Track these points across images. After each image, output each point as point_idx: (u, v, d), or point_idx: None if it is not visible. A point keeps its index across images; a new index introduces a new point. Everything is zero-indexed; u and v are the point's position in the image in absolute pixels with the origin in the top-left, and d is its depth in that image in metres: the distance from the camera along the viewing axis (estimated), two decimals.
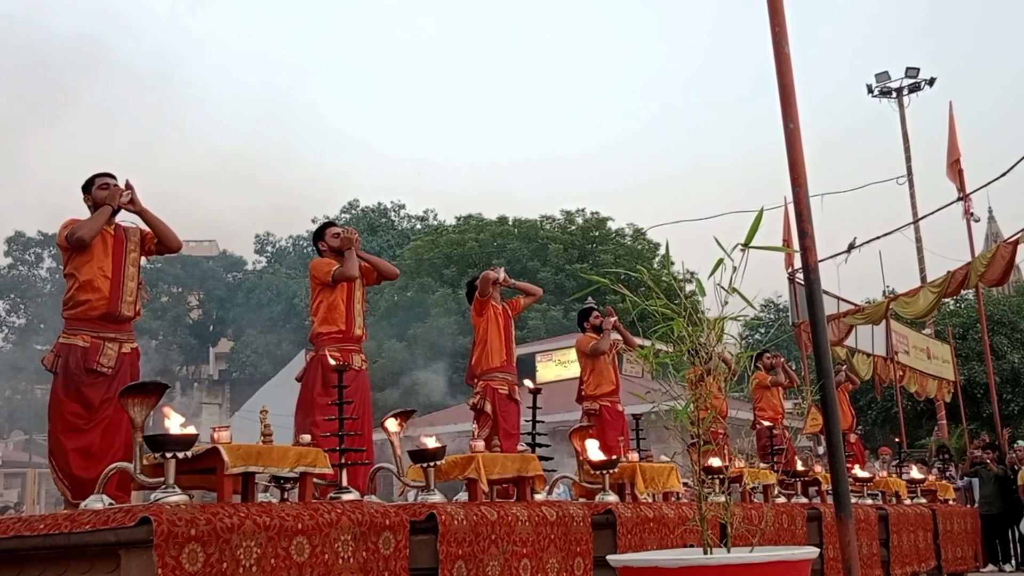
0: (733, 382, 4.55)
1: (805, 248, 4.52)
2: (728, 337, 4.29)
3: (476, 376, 8.22)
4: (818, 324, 4.52)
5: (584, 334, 9.69)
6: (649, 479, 7.01)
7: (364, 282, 7.17)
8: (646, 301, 4.12)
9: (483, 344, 8.24)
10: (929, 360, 21.48)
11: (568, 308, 36.31)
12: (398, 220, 57.05)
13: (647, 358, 4.02)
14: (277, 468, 4.54)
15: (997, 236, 43.34)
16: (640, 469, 6.94)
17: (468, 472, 5.51)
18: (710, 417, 3.97)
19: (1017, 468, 14.80)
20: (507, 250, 41.00)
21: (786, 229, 18.38)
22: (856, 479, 10.43)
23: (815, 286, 4.59)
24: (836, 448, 4.46)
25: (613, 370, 9.54)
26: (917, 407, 27.58)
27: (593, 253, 42.58)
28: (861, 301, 26.86)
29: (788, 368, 12.76)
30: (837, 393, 13.43)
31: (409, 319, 40.40)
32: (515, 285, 8.76)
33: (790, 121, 4.57)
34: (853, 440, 13.55)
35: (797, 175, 4.51)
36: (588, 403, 9.36)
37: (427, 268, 42.13)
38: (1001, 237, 32.54)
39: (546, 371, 30.69)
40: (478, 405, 8.00)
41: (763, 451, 10.78)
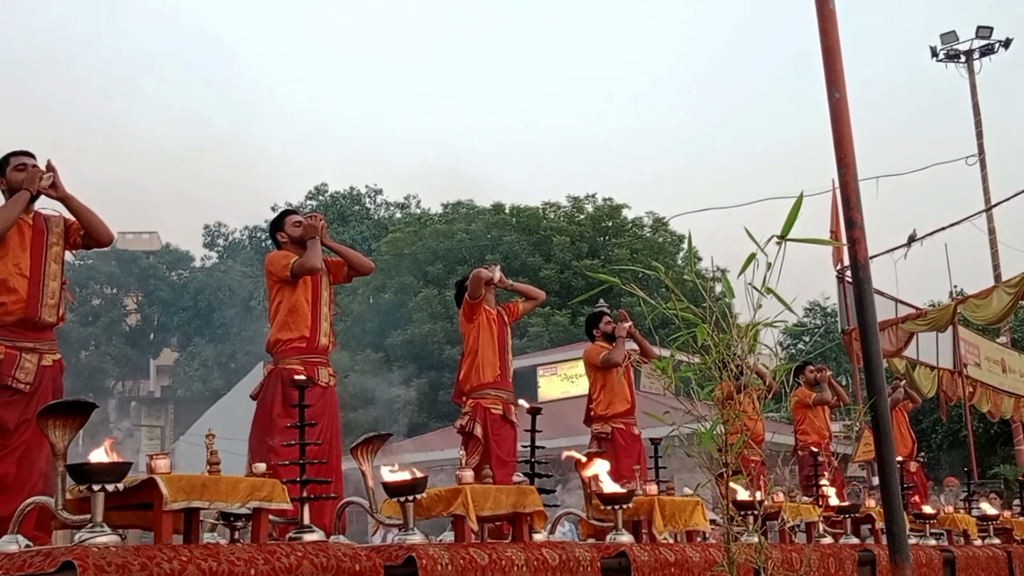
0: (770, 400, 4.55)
1: (854, 241, 4.53)
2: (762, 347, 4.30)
3: (465, 393, 8.22)
4: (869, 331, 4.53)
5: (594, 343, 9.69)
6: (670, 516, 7.00)
7: (332, 279, 7.17)
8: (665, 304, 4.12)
9: (474, 355, 8.24)
10: (1004, 374, 21.51)
11: (576, 312, 36.33)
12: (374, 208, 57.09)
13: (665, 371, 4.02)
14: (226, 503, 4.53)
15: None
16: (659, 504, 6.94)
17: (454, 507, 5.50)
18: (741, 441, 3.97)
19: None
20: (503, 243, 41.03)
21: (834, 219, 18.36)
22: (917, 515, 10.42)
23: (865, 285, 4.59)
24: (890, 478, 4.46)
25: (628, 386, 9.55)
26: (990, 430, 27.63)
27: (605, 247, 42.62)
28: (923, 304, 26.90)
29: (836, 383, 12.78)
30: (894, 414, 13.62)
31: (387, 325, 40.41)
32: (513, 286, 8.76)
33: (836, 90, 4.58)
34: (913, 469, 13.57)
35: (844, 154, 4.52)
36: (598, 425, 9.37)
37: (408, 264, 42.15)
38: None
39: (549, 387, 30.72)
40: (467, 428, 8.00)
41: (806, 482, 10.78)
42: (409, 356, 38.81)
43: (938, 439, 29.46)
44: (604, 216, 43.86)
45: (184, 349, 59.14)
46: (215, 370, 53.38)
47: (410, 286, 41.15)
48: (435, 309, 38.79)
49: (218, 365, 53.30)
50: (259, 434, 6.52)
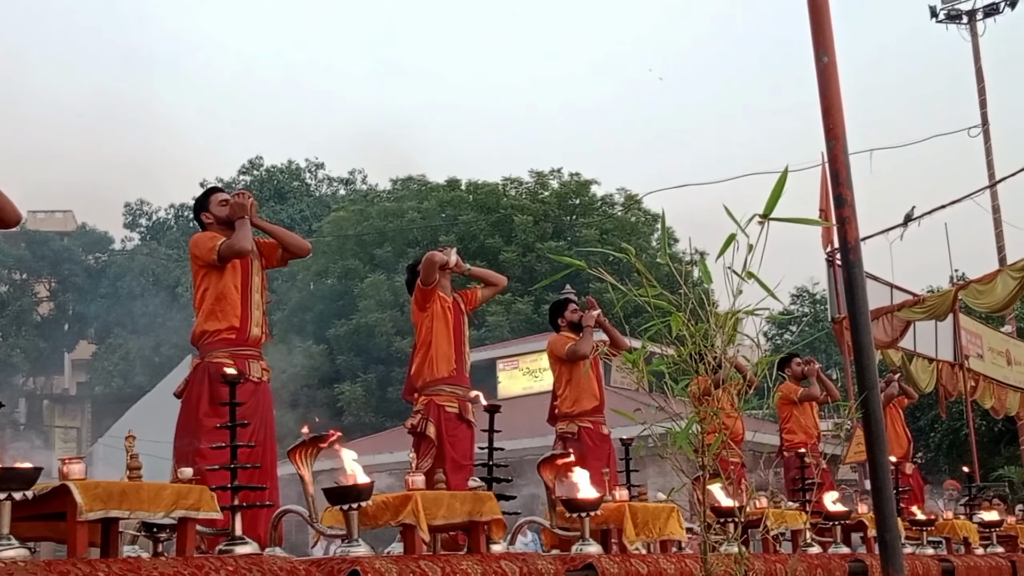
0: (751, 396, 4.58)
1: (843, 220, 4.56)
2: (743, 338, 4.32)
3: (417, 390, 8.21)
4: (860, 319, 4.56)
5: (559, 334, 9.70)
6: (642, 524, 7.05)
7: (265, 263, 7.14)
8: (637, 290, 4.14)
9: (426, 348, 8.23)
10: (1009, 367, 21.74)
11: (539, 300, 36.40)
12: (315, 183, 56.87)
13: (636, 365, 4.04)
14: (148, 512, 4.52)
15: None
16: (630, 511, 6.97)
17: (404, 516, 5.51)
18: (719, 441, 4.00)
19: None
20: (459, 223, 41.02)
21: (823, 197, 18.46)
22: (912, 522, 10.54)
23: (856, 269, 4.63)
24: (883, 482, 4.51)
25: (596, 381, 9.57)
26: (994, 428, 27.91)
27: (572, 227, 42.68)
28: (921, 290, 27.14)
29: (825, 377, 12.87)
30: (888, 410, 13.75)
31: (330, 314, 40.32)
32: (470, 271, 8.75)
33: (824, 53, 4.61)
34: (909, 471, 13.68)
35: (833, 124, 4.55)
36: (564, 424, 9.39)
37: (354, 247, 42.06)
38: None
39: (511, 383, 30.76)
40: (419, 428, 7.99)
41: (792, 486, 10.87)
42: (354, 348, 38.75)
43: (937, 438, 29.73)
44: (571, 193, 43.91)
45: (103, 341, 58.68)
46: (137, 365, 53.00)
47: (355, 271, 41.07)
48: (383, 296, 38.73)
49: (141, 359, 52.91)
50: (185, 436, 6.49)
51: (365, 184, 55.57)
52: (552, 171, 44.71)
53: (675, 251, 40.29)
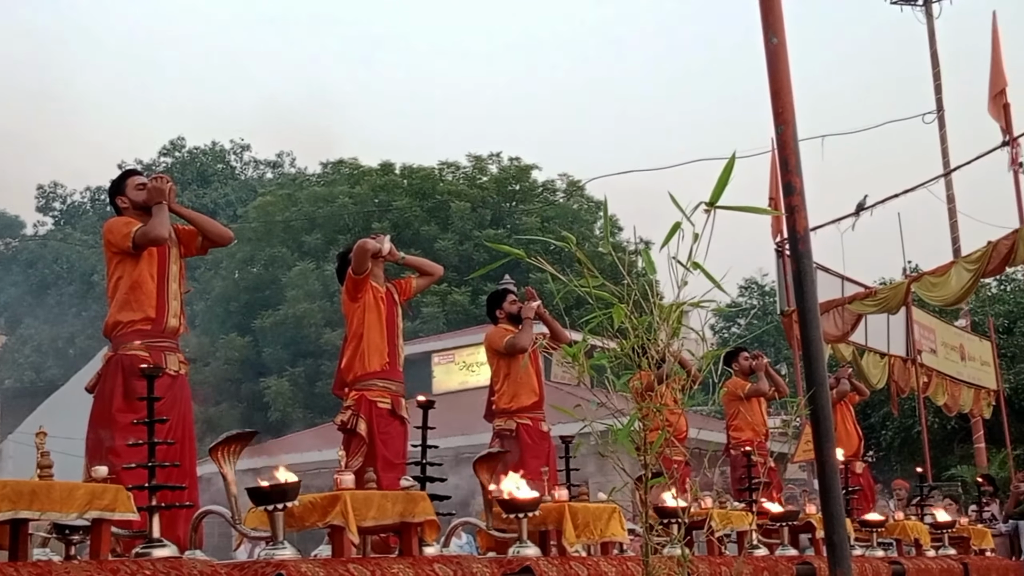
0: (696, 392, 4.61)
1: (792, 209, 4.60)
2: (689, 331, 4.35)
3: (347, 384, 8.19)
4: (809, 312, 4.61)
5: (497, 326, 9.72)
6: (582, 525, 7.07)
7: (183, 251, 7.10)
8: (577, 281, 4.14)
9: (358, 340, 8.21)
10: (963, 362, 22.01)
11: (477, 290, 36.41)
12: (241, 166, 56.55)
13: (576, 359, 4.05)
14: (60, 513, 4.48)
15: None
16: (570, 511, 7.00)
17: (332, 517, 5.50)
18: (662, 439, 4.02)
19: None
20: (393, 209, 40.91)
21: (773, 184, 18.64)
22: (862, 523, 10.66)
23: (805, 260, 4.67)
24: (831, 481, 4.56)
25: (536, 376, 9.59)
26: (947, 426, 28.30)
27: (512, 214, 42.73)
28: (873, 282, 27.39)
29: (774, 372, 12.97)
30: (838, 407, 13.91)
31: (255, 305, 40.10)
32: (404, 260, 8.73)
33: (774, 35, 4.64)
34: (860, 470, 13.85)
35: (782, 109, 4.58)
36: (501, 420, 9.41)
37: (281, 233, 41.84)
38: None
39: (447, 377, 30.75)
40: (349, 424, 7.97)
41: (738, 485, 10.95)
42: (282, 341, 38.54)
43: (888, 436, 30.07)
44: (510, 178, 43.94)
45: (13, 332, 57.95)
46: (50, 357, 52.42)
47: (283, 259, 40.85)
48: (312, 286, 38.55)
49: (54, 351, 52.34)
50: (98, 432, 6.43)
51: (294, 167, 55.34)
52: (491, 155, 44.77)
53: (619, 240, 40.44)
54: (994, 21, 19.20)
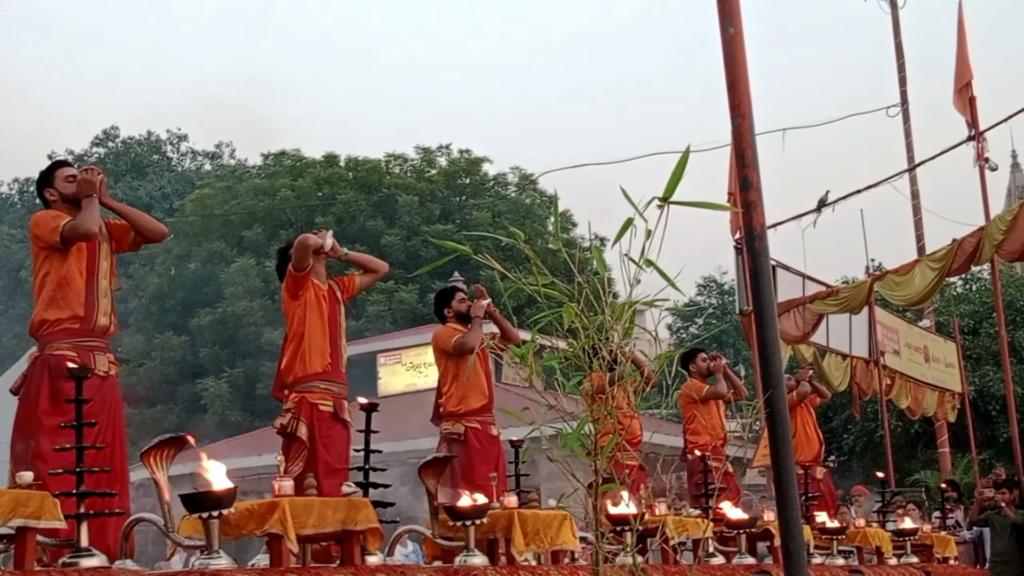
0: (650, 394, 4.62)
1: (749, 205, 4.62)
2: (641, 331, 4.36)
3: (288, 386, 8.16)
4: (765, 311, 4.63)
5: (445, 325, 9.72)
6: (532, 532, 7.09)
7: (115, 247, 7.05)
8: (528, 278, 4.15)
9: (299, 340, 8.19)
10: (927, 364, 22.19)
11: (425, 288, 36.38)
12: (178, 157, 56.15)
13: (524, 359, 4.05)
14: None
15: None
16: (519, 519, 7.01)
17: (270, 525, 5.48)
18: (613, 443, 4.03)
19: None
20: (337, 203, 40.78)
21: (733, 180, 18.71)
22: (822, 530, 10.74)
23: (761, 258, 4.70)
24: (788, 486, 4.59)
25: (485, 377, 9.60)
26: (910, 430, 28.49)
27: (462, 209, 42.68)
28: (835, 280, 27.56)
29: (732, 373, 13.02)
30: (799, 410, 13.99)
31: (192, 303, 39.84)
32: (347, 256, 8.71)
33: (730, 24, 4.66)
34: (820, 475, 13.93)
35: (739, 101, 4.60)
36: (449, 424, 9.40)
37: (220, 228, 41.62)
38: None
39: (393, 379, 30.69)
40: (289, 428, 7.94)
41: (695, 491, 11.00)
42: (220, 340, 38.33)
43: (850, 440, 30.22)
44: (460, 172, 43.89)
45: None
46: None
47: (222, 254, 40.62)
48: (253, 283, 38.38)
49: None
50: (23, 436, 6.37)
51: (233, 159, 55.03)
52: (440, 147, 44.64)
53: (573, 236, 40.52)
54: (960, 12, 19.40)
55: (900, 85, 25.08)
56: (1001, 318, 19.42)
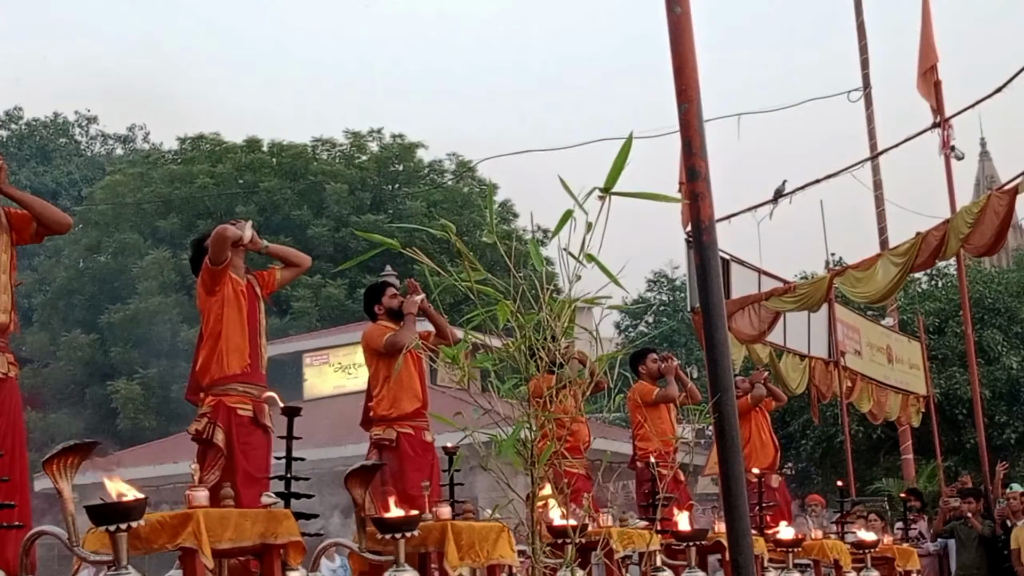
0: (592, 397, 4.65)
1: (697, 196, 4.65)
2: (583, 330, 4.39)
3: (203, 389, 8.14)
4: (713, 309, 4.67)
5: (376, 323, 9.70)
6: (467, 546, 7.10)
7: (15, 239, 6.99)
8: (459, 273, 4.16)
9: (215, 339, 8.16)
10: (890, 365, 22.40)
11: (354, 283, 36.30)
12: (87, 141, 55.69)
13: (456, 360, 4.07)
14: None
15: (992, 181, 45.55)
16: (453, 531, 7.02)
17: (183, 539, 5.47)
18: (550, 450, 4.05)
19: (1011, 525, 15.48)
20: (260, 191, 40.62)
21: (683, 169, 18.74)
22: (777, 542, 10.80)
23: (710, 252, 4.73)
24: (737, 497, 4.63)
25: (419, 379, 9.59)
26: (872, 435, 28.77)
27: (395, 198, 42.62)
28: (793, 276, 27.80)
29: (684, 375, 13.04)
30: (753, 414, 14.06)
31: (102, 298, 39.55)
32: (268, 249, 8.70)
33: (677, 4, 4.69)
34: (776, 484, 14.01)
35: (686, 86, 4.63)
36: (380, 429, 9.39)
37: (132, 217, 41.33)
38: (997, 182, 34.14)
39: (319, 380, 30.65)
40: (204, 434, 7.92)
41: (643, 501, 11.04)
42: (132, 339, 38.05)
43: (808, 446, 30.50)
44: (393, 158, 43.83)
45: None
46: None
47: (135, 246, 40.34)
48: (168, 277, 38.16)
49: None
50: None
51: (147, 143, 54.59)
52: (371, 132, 44.54)
53: (514, 228, 40.58)
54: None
55: (862, 68, 25.01)
56: (967, 316, 19.55)
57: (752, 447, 13.75)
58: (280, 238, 32.09)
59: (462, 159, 44.59)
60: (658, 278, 48.06)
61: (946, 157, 18.90)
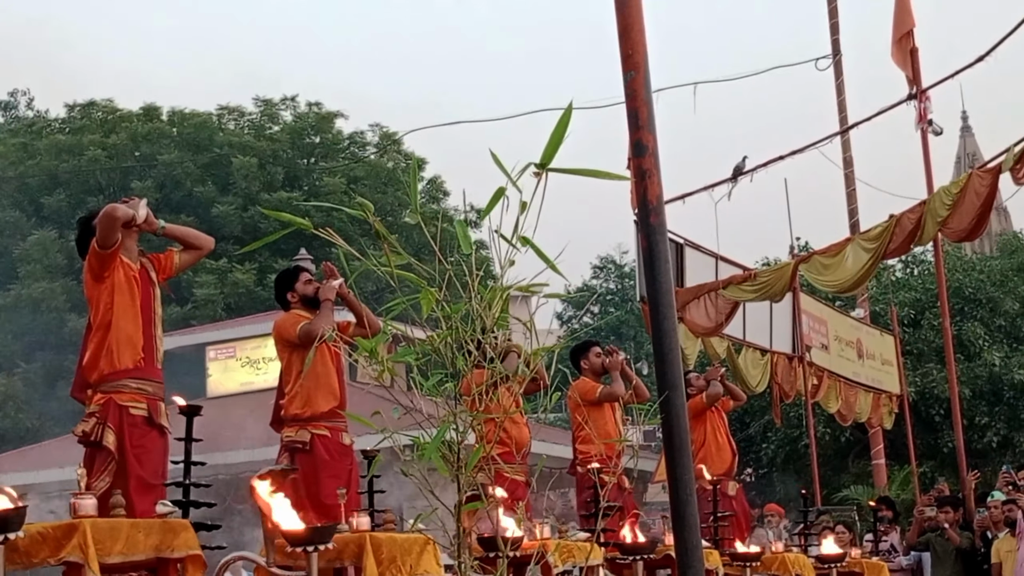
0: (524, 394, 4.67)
1: (644, 172, 4.67)
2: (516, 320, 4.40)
3: (91, 385, 8.10)
4: (661, 298, 4.69)
5: (289, 312, 9.68)
6: (388, 560, 7.11)
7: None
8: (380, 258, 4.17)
9: (104, 330, 8.12)
10: (861, 360, 22.54)
11: (265, 268, 36.18)
12: None
13: (373, 354, 4.08)
14: None
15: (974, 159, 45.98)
16: (373, 543, 7.03)
17: (67, 552, 5.45)
18: (478, 455, 4.07)
19: (991, 537, 15.62)
20: (158, 165, 40.40)
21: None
22: (734, 556, 10.88)
23: (657, 235, 4.75)
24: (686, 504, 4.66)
25: (337, 375, 9.58)
26: (840, 438, 28.96)
27: (311, 174, 42.50)
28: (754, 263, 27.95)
29: (632, 371, 13.05)
30: (709, 415, 14.12)
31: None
32: (165, 230, 8.65)
33: None
34: (733, 492, 14.06)
35: (632, 51, 4.65)
36: (292, 431, 9.36)
37: (15, 194, 41.01)
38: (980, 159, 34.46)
39: (225, 376, 30.52)
40: (93, 435, 7.89)
41: (583, 510, 11.07)
42: (13, 329, 37.80)
43: (770, 450, 30.62)
44: (308, 129, 43.70)
45: None
46: None
47: (16, 225, 40.05)
48: (54, 260, 37.92)
49: None
50: None
51: (31, 109, 54.04)
52: (284, 100, 44.39)
53: (444, 208, 40.56)
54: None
55: (831, 33, 24.75)
56: (945, 308, 19.72)
57: (707, 451, 13.80)
58: (181, 218, 32.00)
59: (386, 130, 44.55)
60: (605, 264, 48.16)
61: (923, 132, 19.03)
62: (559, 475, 11.76)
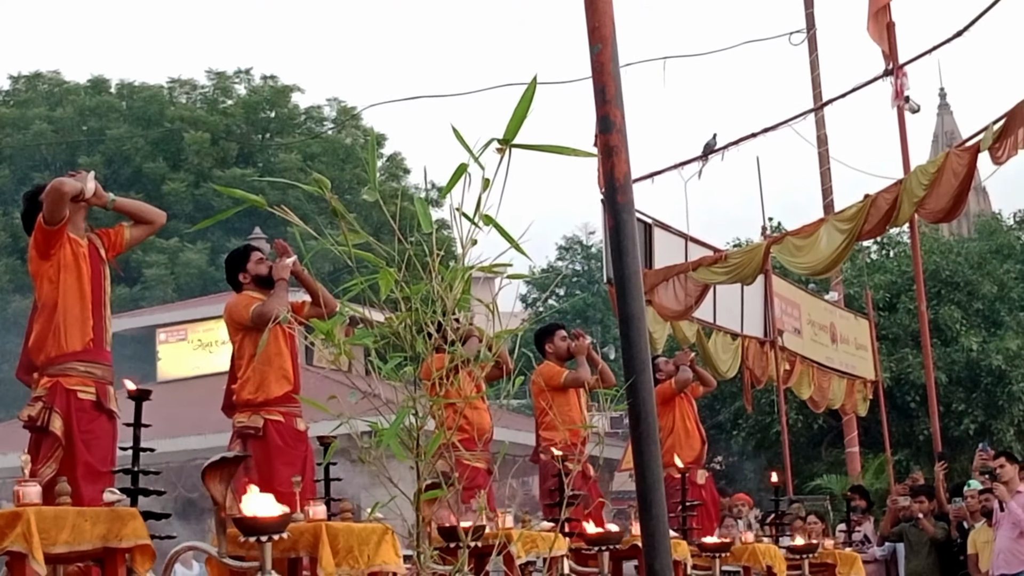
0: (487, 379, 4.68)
1: (611, 148, 4.67)
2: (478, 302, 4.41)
3: (37, 368, 8.08)
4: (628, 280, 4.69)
5: (241, 293, 9.66)
6: (345, 550, 7.11)
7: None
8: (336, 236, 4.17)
9: (50, 310, 8.09)
10: (834, 345, 22.62)
11: (217, 247, 36.08)
12: None
13: (329, 336, 4.08)
14: None
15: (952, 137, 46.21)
16: (329, 533, 7.03)
17: (10, 541, 5.44)
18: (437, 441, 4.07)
19: (967, 527, 15.68)
20: (108, 140, 40.22)
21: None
22: (702, 547, 10.91)
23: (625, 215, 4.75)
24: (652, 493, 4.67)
25: (291, 358, 9.57)
26: (813, 425, 29.09)
27: (266, 149, 42.40)
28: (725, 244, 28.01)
29: (599, 356, 13.05)
30: (678, 401, 14.15)
31: None
32: (115, 204, 8.62)
33: None
34: (702, 481, 14.11)
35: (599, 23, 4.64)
36: (245, 416, 9.35)
37: None
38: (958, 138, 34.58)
39: (176, 359, 30.46)
40: (39, 420, 7.86)
41: (547, 499, 11.09)
42: None
43: (740, 438, 30.76)
44: (263, 103, 43.57)
45: None
46: None
47: None
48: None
49: None
50: None
51: None
52: (238, 72, 44.26)
53: (405, 186, 40.49)
54: None
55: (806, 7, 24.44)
56: (921, 291, 19.79)
57: (675, 438, 13.83)
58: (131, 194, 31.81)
59: (344, 105, 44.46)
60: (570, 245, 48.14)
61: (899, 109, 19.04)
62: (522, 463, 11.77)
